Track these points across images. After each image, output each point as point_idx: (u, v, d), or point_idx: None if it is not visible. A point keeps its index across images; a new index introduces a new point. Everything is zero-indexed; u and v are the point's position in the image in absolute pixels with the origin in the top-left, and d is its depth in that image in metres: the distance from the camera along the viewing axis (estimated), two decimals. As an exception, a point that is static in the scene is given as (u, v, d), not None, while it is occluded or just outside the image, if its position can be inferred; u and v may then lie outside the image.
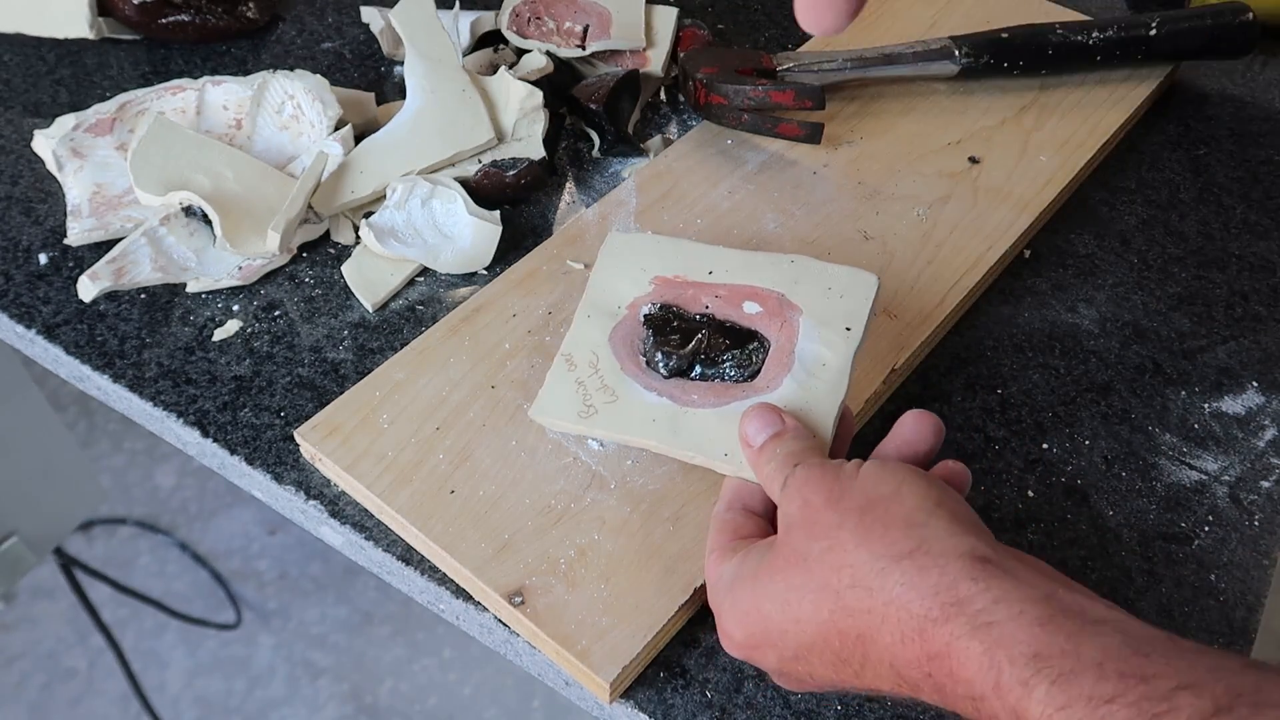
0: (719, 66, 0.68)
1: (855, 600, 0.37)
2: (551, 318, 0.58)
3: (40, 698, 1.44)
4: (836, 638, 0.38)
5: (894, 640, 0.36)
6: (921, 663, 0.35)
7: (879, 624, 0.37)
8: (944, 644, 0.35)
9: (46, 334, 0.60)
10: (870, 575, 0.37)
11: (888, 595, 0.36)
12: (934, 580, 0.36)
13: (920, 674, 0.36)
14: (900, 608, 0.36)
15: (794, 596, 0.39)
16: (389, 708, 1.45)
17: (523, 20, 0.74)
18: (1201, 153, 0.73)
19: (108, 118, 0.68)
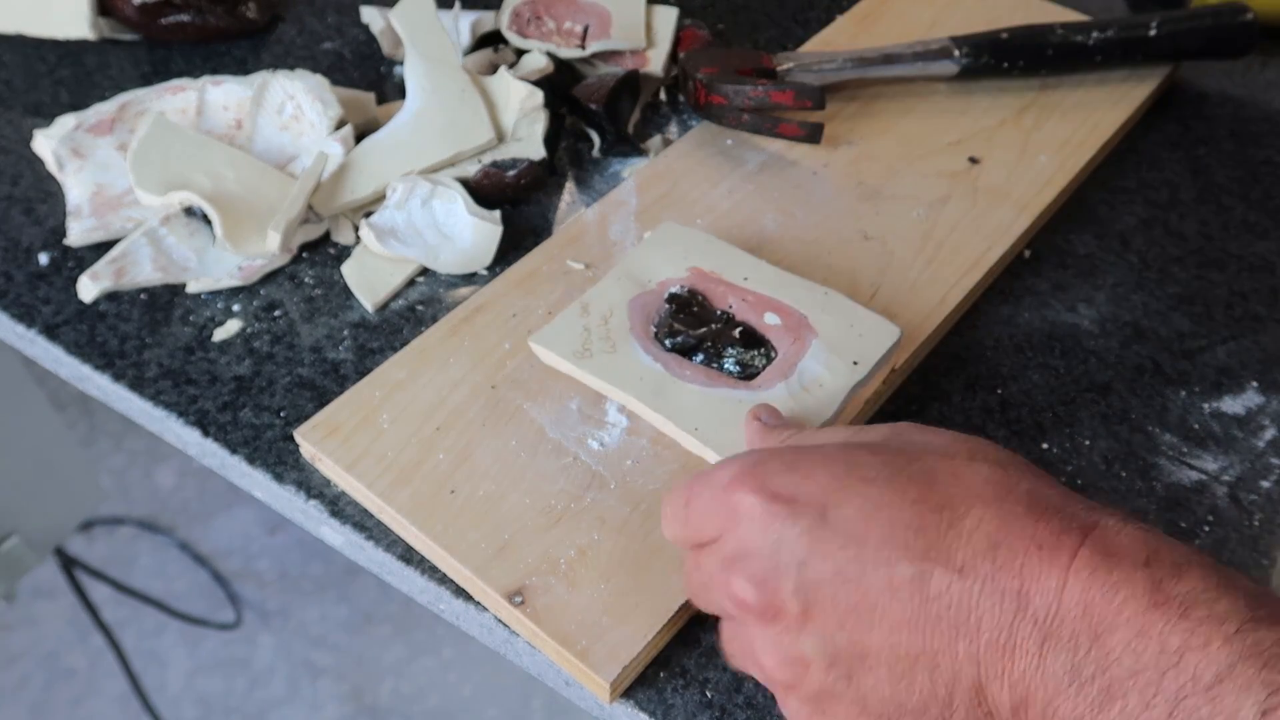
0: (719, 66, 0.68)
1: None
2: (552, 318, 0.58)
3: (40, 698, 1.44)
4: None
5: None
6: (1052, 530, 0.34)
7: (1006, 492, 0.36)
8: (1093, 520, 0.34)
9: (47, 334, 0.60)
10: (1009, 460, 0.37)
11: (1022, 478, 0.36)
12: (1070, 493, 0.37)
13: (1046, 534, 0.34)
14: (1036, 488, 0.36)
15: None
16: (389, 708, 1.45)
17: (523, 20, 0.74)
18: (1201, 153, 0.73)
19: (108, 118, 0.68)
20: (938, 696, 0.35)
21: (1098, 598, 0.33)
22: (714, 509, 0.39)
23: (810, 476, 0.37)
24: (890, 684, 0.35)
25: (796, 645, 0.36)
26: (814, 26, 0.80)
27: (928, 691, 0.35)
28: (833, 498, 0.36)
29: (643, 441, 0.52)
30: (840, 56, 0.70)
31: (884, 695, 0.36)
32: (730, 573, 0.37)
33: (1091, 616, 0.32)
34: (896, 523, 0.35)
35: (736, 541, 0.38)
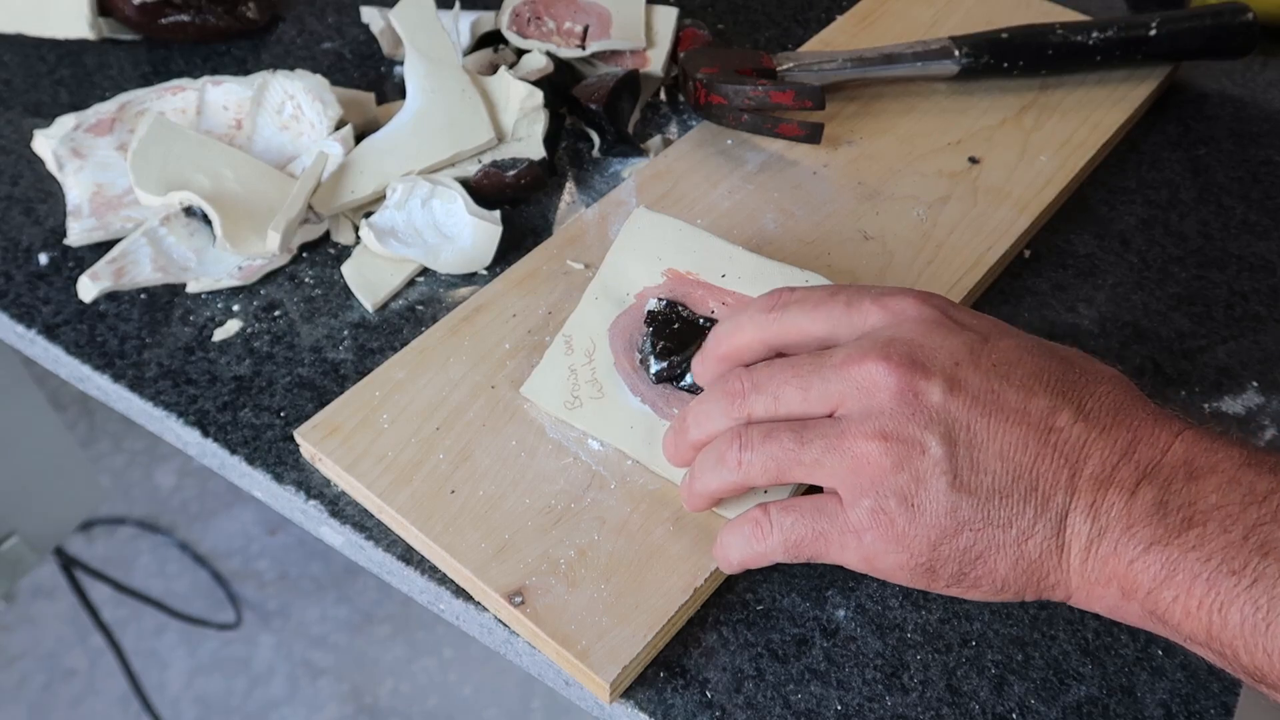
0: (719, 66, 0.68)
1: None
2: (551, 318, 0.58)
3: (40, 698, 1.44)
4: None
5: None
6: (1164, 413, 0.40)
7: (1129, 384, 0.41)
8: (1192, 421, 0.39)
9: (47, 334, 0.60)
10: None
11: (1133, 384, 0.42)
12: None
13: (1160, 410, 0.40)
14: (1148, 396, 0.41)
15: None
16: (389, 708, 1.45)
17: (523, 20, 0.74)
18: (1201, 153, 0.73)
19: (108, 118, 0.68)
20: (1024, 515, 0.38)
21: (1198, 455, 0.37)
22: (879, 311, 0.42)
23: (976, 315, 0.43)
24: (989, 491, 0.38)
25: (923, 430, 0.39)
26: (814, 26, 0.80)
27: (1018, 508, 0.38)
28: (994, 331, 0.41)
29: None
30: (840, 56, 0.70)
31: (977, 502, 0.38)
32: (889, 347, 0.40)
33: (1191, 464, 0.37)
34: (1044, 366, 0.40)
35: (899, 331, 0.41)
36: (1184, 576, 0.36)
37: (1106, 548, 0.37)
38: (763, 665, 0.47)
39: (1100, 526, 0.37)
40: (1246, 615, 0.34)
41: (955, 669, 0.47)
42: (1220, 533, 0.35)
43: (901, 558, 0.40)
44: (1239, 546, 0.35)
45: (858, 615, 0.49)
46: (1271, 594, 0.34)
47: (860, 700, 0.46)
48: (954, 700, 0.46)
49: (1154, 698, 0.46)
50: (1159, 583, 0.36)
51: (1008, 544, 0.38)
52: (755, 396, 0.43)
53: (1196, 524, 0.36)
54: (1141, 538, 0.36)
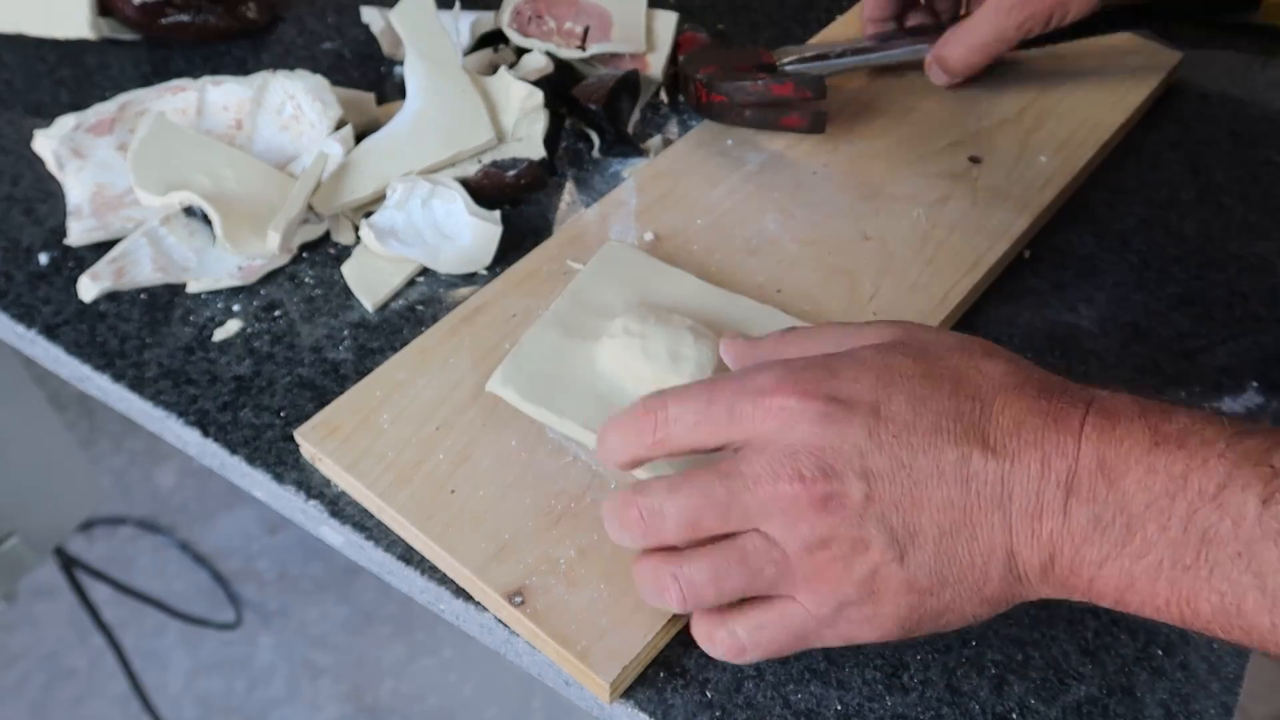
0: (718, 65, 0.68)
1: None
2: (551, 318, 0.58)
3: (40, 698, 1.44)
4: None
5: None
6: (1063, 407, 0.39)
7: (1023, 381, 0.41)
8: (1092, 395, 0.40)
9: (47, 334, 0.60)
10: (1013, 357, 0.42)
11: (1031, 370, 0.42)
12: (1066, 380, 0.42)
13: (1059, 409, 0.39)
14: (1045, 377, 0.41)
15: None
16: (389, 708, 1.45)
17: (523, 18, 0.74)
18: (1201, 153, 0.73)
19: (108, 118, 0.68)
20: (975, 565, 0.39)
21: (1108, 451, 0.37)
22: (760, 415, 0.41)
23: (856, 380, 0.41)
24: (935, 558, 0.39)
25: (859, 530, 0.39)
26: (814, 26, 0.80)
27: (966, 563, 0.39)
28: (881, 395, 0.40)
29: (643, 441, 0.52)
30: (839, 46, 0.70)
31: (929, 570, 0.39)
32: (794, 464, 0.39)
33: (1105, 467, 0.37)
34: (939, 412, 0.39)
35: (794, 439, 0.40)
36: (1144, 582, 0.37)
37: (1062, 569, 0.39)
38: (763, 665, 0.47)
39: (1048, 554, 0.38)
40: (1214, 604, 0.36)
41: (955, 669, 0.47)
42: (1160, 533, 0.36)
43: (876, 633, 0.42)
44: (1183, 541, 0.36)
45: (858, 615, 0.49)
46: (1230, 579, 0.35)
47: (860, 700, 0.46)
48: (954, 700, 0.46)
49: (1154, 698, 0.46)
50: (1122, 591, 0.38)
51: (968, 593, 0.40)
52: (660, 524, 0.42)
53: (1136, 530, 0.37)
54: (1090, 557, 0.38)
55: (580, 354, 0.54)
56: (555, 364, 0.53)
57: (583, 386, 0.53)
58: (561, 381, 0.53)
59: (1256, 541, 0.34)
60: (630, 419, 0.43)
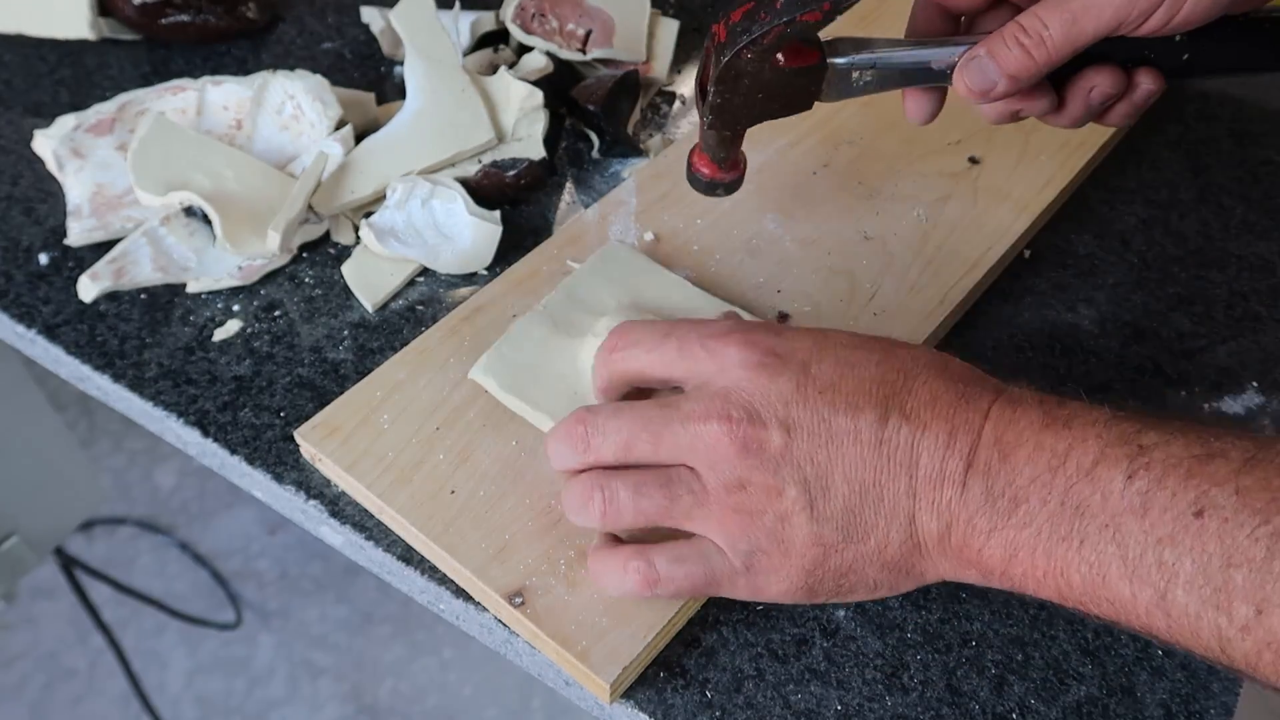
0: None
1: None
2: (551, 318, 0.58)
3: (40, 698, 1.44)
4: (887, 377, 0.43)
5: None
6: (976, 390, 0.42)
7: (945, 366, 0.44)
8: (1003, 386, 0.43)
9: (47, 334, 0.60)
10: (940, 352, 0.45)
11: (953, 361, 0.44)
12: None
13: (972, 391, 0.42)
14: (966, 367, 0.45)
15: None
16: (389, 708, 1.45)
17: (527, 15, 0.74)
18: (1201, 153, 0.73)
19: (108, 118, 0.68)
20: (878, 527, 0.42)
21: (1006, 430, 0.41)
22: (706, 356, 0.44)
23: (795, 339, 0.44)
24: (843, 514, 0.42)
25: (775, 477, 0.42)
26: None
27: (870, 522, 0.42)
28: (814, 355, 0.43)
29: (643, 441, 0.52)
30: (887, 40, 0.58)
31: (835, 524, 0.42)
32: (724, 403, 0.42)
33: (1001, 444, 0.40)
34: (864, 378, 0.43)
35: (728, 381, 0.43)
36: (1025, 553, 0.39)
37: (957, 538, 0.41)
38: (763, 665, 0.47)
39: (945, 522, 0.41)
40: (1084, 575, 0.38)
41: (955, 669, 0.47)
42: (1041, 505, 0.39)
43: (782, 586, 0.44)
44: (1059, 514, 0.38)
45: (858, 615, 0.49)
46: (1098, 549, 0.38)
47: (860, 700, 0.46)
48: (954, 700, 0.46)
49: (1154, 698, 0.46)
50: (1006, 562, 0.40)
51: (870, 554, 0.42)
52: (603, 443, 0.45)
53: (1021, 502, 0.39)
54: (981, 527, 0.40)
55: (565, 350, 0.54)
56: (538, 357, 0.53)
57: (561, 382, 0.53)
58: (541, 374, 0.53)
59: (1121, 514, 0.37)
60: (603, 346, 0.48)
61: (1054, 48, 0.46)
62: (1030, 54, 0.47)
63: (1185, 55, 0.51)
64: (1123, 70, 0.50)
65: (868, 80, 0.53)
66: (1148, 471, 0.37)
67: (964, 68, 0.49)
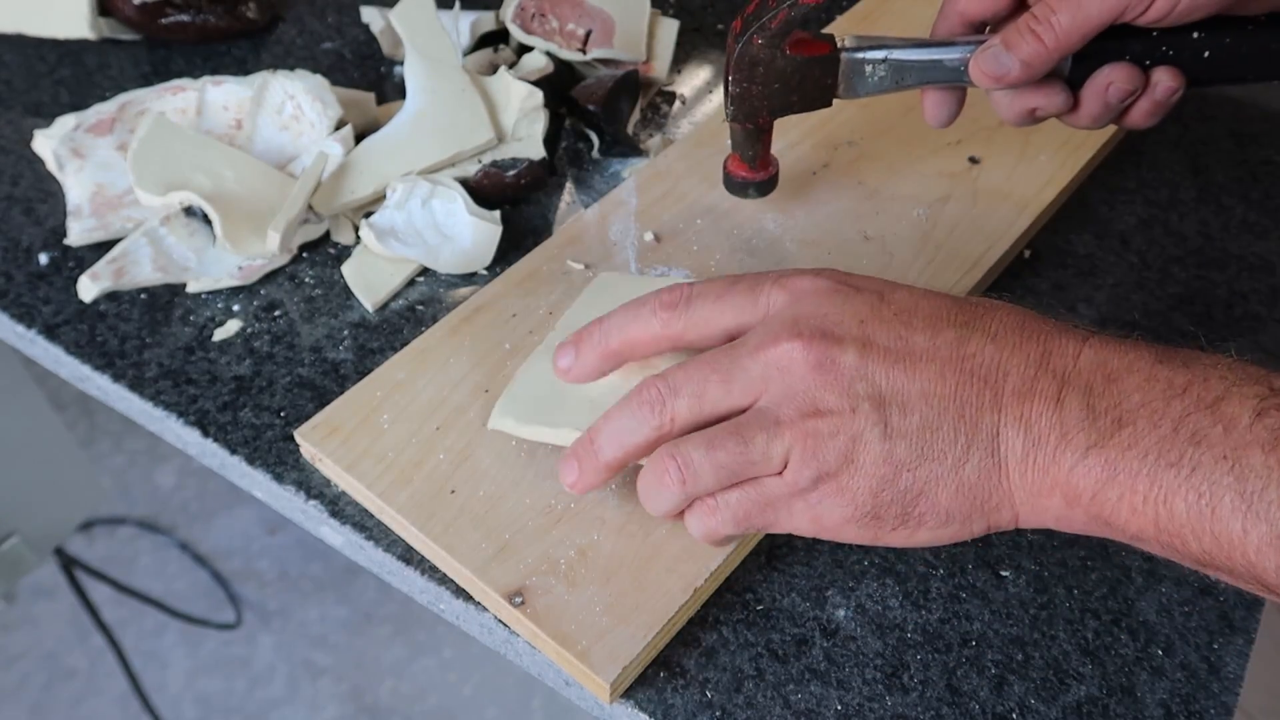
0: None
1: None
2: (551, 318, 0.58)
3: (40, 698, 1.44)
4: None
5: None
6: (1067, 328, 0.41)
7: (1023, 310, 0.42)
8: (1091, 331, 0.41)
9: (47, 334, 0.60)
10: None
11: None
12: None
13: (1064, 326, 0.41)
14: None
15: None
16: (389, 708, 1.45)
17: (526, 15, 0.74)
18: (1201, 153, 0.73)
19: (108, 118, 0.68)
20: (957, 442, 0.40)
21: (1111, 357, 0.39)
22: (779, 291, 0.44)
23: (867, 278, 0.44)
24: (919, 430, 0.40)
25: (849, 390, 0.40)
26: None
27: (949, 438, 0.40)
28: (887, 288, 0.43)
29: (643, 441, 0.52)
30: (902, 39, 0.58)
31: (910, 441, 0.40)
32: (796, 325, 0.41)
33: (1106, 368, 0.39)
34: (940, 307, 0.42)
35: (798, 311, 0.42)
36: (1125, 475, 0.37)
37: (1045, 457, 0.39)
38: (763, 665, 0.47)
39: (1034, 438, 0.39)
40: (1190, 503, 0.36)
41: (955, 669, 0.47)
42: (1151, 429, 0.37)
43: (847, 510, 0.41)
44: (1171, 439, 0.36)
45: (858, 615, 0.49)
46: (1211, 479, 0.36)
47: (860, 700, 0.46)
48: (954, 700, 0.46)
49: (1154, 698, 0.46)
50: (1102, 484, 0.38)
51: (945, 474, 0.40)
52: (676, 400, 0.43)
53: (1127, 423, 0.37)
54: (1077, 444, 0.38)
55: None
56: (550, 387, 0.52)
57: (578, 400, 0.51)
58: (556, 398, 0.51)
59: (1244, 447, 0.35)
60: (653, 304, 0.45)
61: (1063, 33, 0.49)
62: (1041, 39, 0.49)
63: (1206, 53, 0.52)
64: (1140, 69, 0.52)
65: (882, 75, 0.55)
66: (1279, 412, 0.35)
67: (979, 56, 0.51)
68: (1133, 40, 0.51)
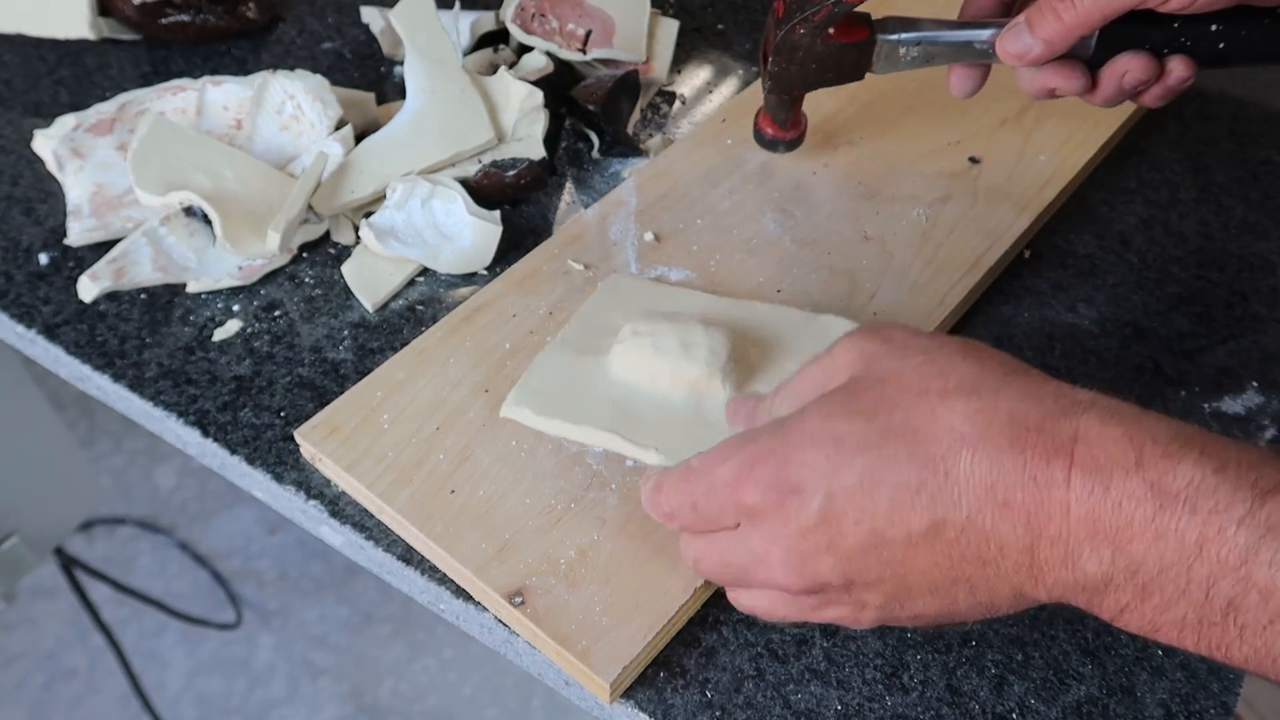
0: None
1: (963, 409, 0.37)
2: (552, 318, 0.58)
3: (40, 698, 1.44)
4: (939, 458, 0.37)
5: (1005, 439, 0.36)
6: (1041, 457, 0.35)
7: (987, 425, 0.36)
8: (1073, 432, 0.35)
9: (47, 334, 0.60)
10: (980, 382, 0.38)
11: (998, 401, 0.37)
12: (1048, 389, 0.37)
13: (1037, 463, 0.35)
14: (1015, 408, 0.36)
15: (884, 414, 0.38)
16: (389, 708, 1.45)
17: (526, 15, 0.74)
18: (1201, 153, 0.73)
19: (108, 118, 0.68)
20: (980, 603, 0.38)
21: (1104, 515, 0.34)
22: (726, 508, 0.41)
23: (805, 463, 0.39)
24: (936, 604, 0.39)
25: (851, 598, 0.40)
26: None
27: (970, 602, 0.38)
28: (834, 480, 0.38)
29: (643, 441, 0.52)
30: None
31: (934, 611, 0.39)
32: (768, 565, 0.40)
33: (1104, 531, 0.34)
34: (898, 486, 0.37)
35: (762, 538, 0.40)
36: (1168, 631, 0.35)
37: (1077, 607, 0.37)
38: (763, 665, 0.47)
39: (1059, 596, 0.37)
40: (1248, 654, 0.34)
41: (955, 669, 0.47)
42: (1181, 594, 0.34)
43: (902, 623, 0.42)
44: (1206, 604, 0.34)
45: (858, 615, 0.49)
46: (1264, 639, 0.33)
47: (860, 700, 0.46)
48: (954, 700, 0.46)
49: (1154, 698, 0.46)
50: (1148, 634, 0.36)
51: (979, 614, 0.39)
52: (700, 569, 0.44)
53: (1153, 590, 0.34)
54: (1108, 607, 0.36)
55: (591, 368, 0.54)
56: (566, 379, 0.53)
57: (596, 395, 0.52)
58: (575, 394, 0.52)
59: None
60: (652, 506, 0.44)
61: (1084, 11, 0.50)
62: (1061, 18, 0.51)
63: (1221, 44, 0.54)
64: (1156, 58, 0.54)
65: (914, 56, 0.58)
66: None
67: (1004, 35, 0.54)
68: (1153, 29, 0.53)
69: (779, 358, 0.54)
